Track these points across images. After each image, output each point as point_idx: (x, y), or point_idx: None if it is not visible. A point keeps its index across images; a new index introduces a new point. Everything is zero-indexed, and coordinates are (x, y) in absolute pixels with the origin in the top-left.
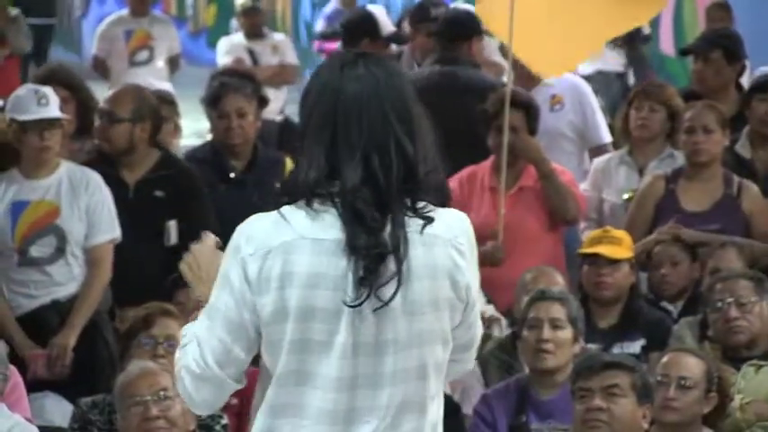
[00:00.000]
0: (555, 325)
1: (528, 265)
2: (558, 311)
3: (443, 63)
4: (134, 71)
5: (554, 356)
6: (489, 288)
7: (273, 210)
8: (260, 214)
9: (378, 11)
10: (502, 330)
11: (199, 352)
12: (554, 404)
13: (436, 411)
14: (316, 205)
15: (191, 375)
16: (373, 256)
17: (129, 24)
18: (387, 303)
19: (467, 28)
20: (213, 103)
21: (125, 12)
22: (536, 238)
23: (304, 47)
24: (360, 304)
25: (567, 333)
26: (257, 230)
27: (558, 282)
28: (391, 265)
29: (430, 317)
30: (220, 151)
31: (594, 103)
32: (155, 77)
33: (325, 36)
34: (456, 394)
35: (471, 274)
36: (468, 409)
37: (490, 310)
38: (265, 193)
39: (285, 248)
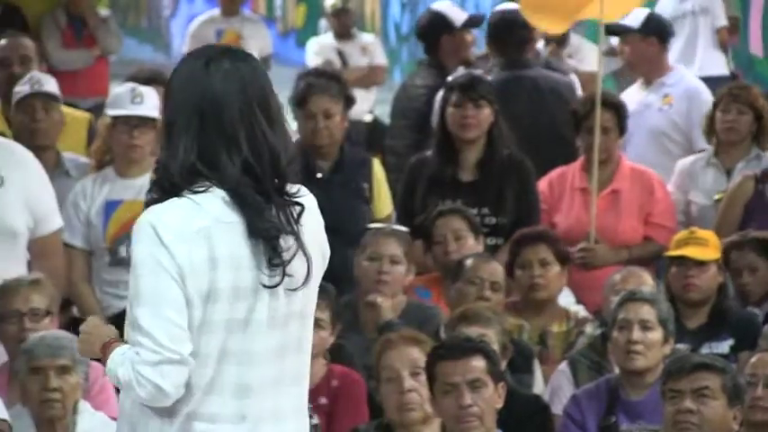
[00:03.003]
0: (645, 326)
1: (619, 268)
2: (648, 313)
3: (508, 68)
4: None
5: (644, 357)
6: (579, 289)
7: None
8: (165, 203)
9: (444, 5)
10: (594, 331)
11: (149, 342)
12: (644, 405)
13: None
14: (199, 191)
15: (150, 366)
16: (272, 237)
17: (220, 24)
18: (305, 283)
19: (435, 28)
20: (300, 103)
21: (216, 11)
22: (627, 242)
23: (393, 47)
24: (277, 285)
25: (656, 334)
26: (171, 217)
27: (647, 282)
28: (290, 242)
29: (315, 290)
30: (307, 152)
31: (707, 109)
32: None
33: None
34: (546, 394)
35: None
36: (557, 410)
37: (581, 311)
38: (352, 194)
39: (206, 232)
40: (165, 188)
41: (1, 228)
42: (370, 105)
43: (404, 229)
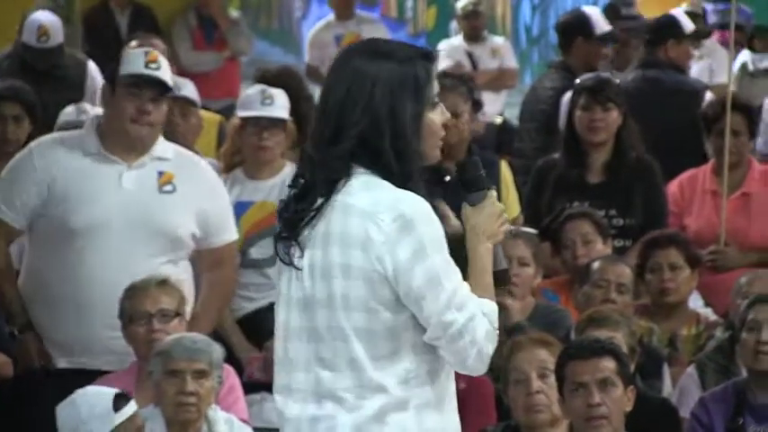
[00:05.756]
0: None
1: (746, 271)
2: None
3: (646, 67)
4: None
5: None
6: (708, 292)
7: None
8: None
9: (592, 11)
10: (722, 334)
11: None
12: None
13: (369, 377)
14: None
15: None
16: (285, 220)
17: (337, 29)
18: (290, 263)
19: (663, 31)
20: None
21: (331, 16)
22: (758, 245)
23: (523, 50)
24: (289, 263)
25: None
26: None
27: None
28: (304, 229)
29: (341, 281)
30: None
31: None
32: None
33: None
34: (674, 397)
35: (389, 249)
36: (685, 413)
37: (710, 315)
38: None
39: None
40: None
41: (165, 231)
42: (500, 108)
43: (532, 231)
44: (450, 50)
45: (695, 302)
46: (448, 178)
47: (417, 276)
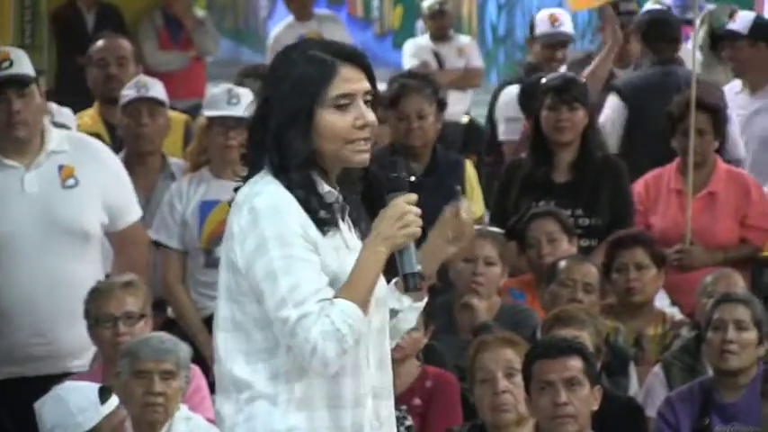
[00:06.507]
0: (740, 326)
1: (710, 270)
2: (743, 313)
3: (663, 63)
4: None
5: (738, 357)
6: (674, 291)
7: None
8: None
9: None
10: (688, 333)
11: None
12: (738, 406)
13: (230, 370)
14: None
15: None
16: None
17: (299, 29)
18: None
19: (673, 29)
20: (393, 104)
21: (291, 18)
22: (723, 244)
23: (489, 49)
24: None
25: (751, 335)
26: None
27: (739, 284)
28: None
29: (223, 273)
30: (400, 154)
31: None
32: None
33: None
34: (640, 397)
35: (240, 242)
36: (651, 412)
37: (677, 314)
38: (445, 196)
39: None
40: None
41: (74, 229)
42: (466, 107)
43: (498, 230)
44: (416, 50)
45: (661, 302)
46: (413, 178)
47: (258, 271)
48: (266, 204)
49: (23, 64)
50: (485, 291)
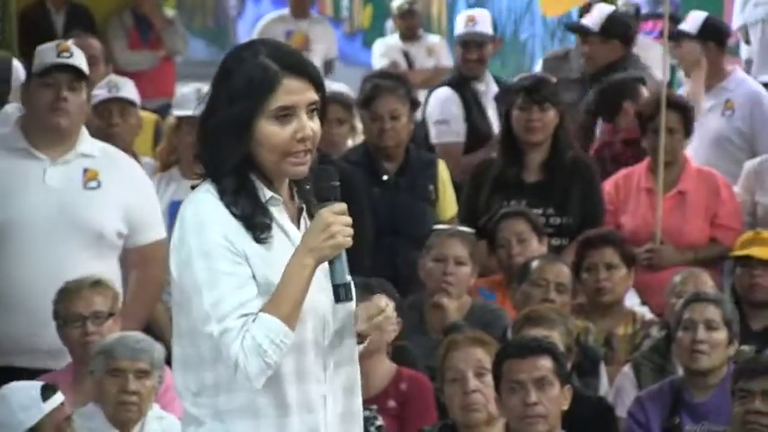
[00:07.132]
0: (710, 326)
1: (679, 270)
2: (713, 313)
3: None
4: None
5: (708, 357)
6: (644, 291)
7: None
8: (204, 197)
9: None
10: (658, 333)
11: None
12: (708, 406)
13: (181, 372)
14: None
15: None
16: None
17: (289, 24)
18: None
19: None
20: (366, 104)
21: (286, 11)
22: (693, 244)
23: None
24: None
25: (721, 334)
26: None
27: (707, 283)
28: None
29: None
30: (373, 153)
31: None
32: None
33: None
34: (610, 396)
35: (175, 251)
36: (621, 412)
37: (647, 313)
38: (417, 196)
39: None
40: None
41: (88, 228)
42: None
43: (469, 230)
44: (386, 49)
45: (631, 301)
46: (386, 178)
47: (186, 283)
48: (192, 216)
49: (82, 62)
50: (455, 290)
